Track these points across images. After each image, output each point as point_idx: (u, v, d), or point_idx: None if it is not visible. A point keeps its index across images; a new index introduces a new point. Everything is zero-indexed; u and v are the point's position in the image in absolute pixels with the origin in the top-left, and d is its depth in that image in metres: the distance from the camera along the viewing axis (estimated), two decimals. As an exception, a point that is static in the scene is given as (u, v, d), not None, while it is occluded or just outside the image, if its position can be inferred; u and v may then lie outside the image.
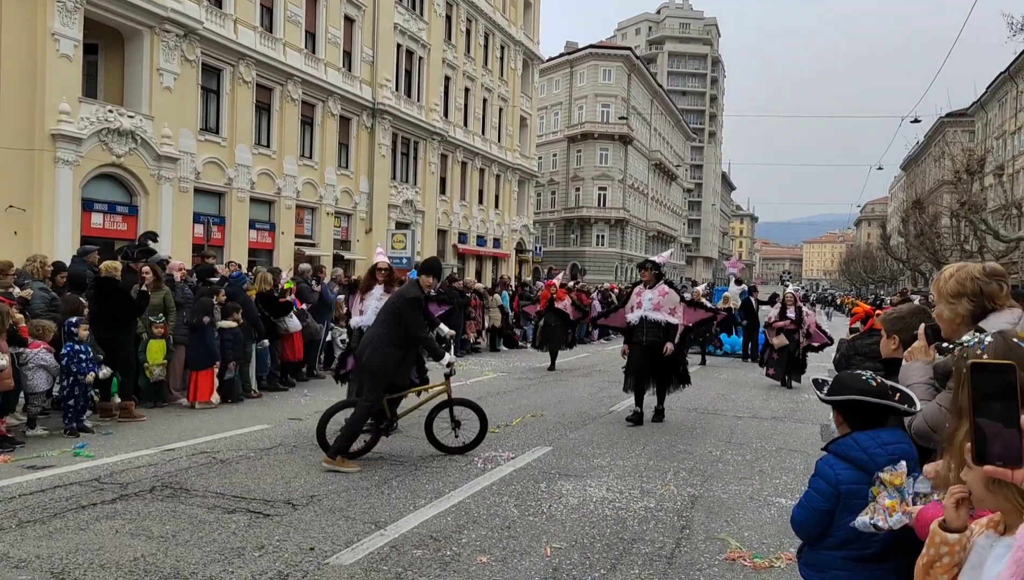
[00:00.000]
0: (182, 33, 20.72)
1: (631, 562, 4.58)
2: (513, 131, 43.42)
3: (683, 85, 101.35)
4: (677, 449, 7.98)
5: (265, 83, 24.45)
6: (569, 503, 5.78)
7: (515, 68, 43.26)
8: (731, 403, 11.54)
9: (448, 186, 36.72)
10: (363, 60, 29.55)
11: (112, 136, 18.85)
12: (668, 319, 9.03)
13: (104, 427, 8.24)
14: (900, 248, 58.69)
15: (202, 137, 22.09)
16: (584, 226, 63.19)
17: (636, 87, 67.41)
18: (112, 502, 5.45)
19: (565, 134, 63.38)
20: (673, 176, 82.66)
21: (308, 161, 26.85)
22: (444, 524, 5.18)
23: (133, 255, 10.26)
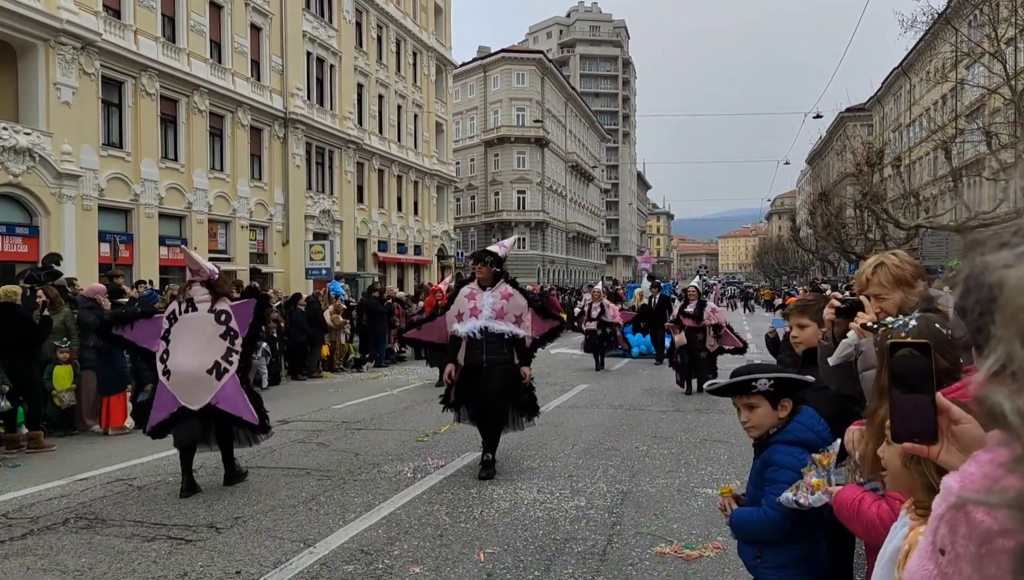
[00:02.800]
0: (79, 46, 19.87)
1: (564, 562, 4.62)
2: (429, 137, 43.27)
3: (596, 87, 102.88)
4: (605, 446, 8.09)
5: (170, 95, 23.67)
6: (500, 507, 5.79)
7: (428, 74, 43.12)
8: (655, 398, 11.77)
9: (366, 194, 36.30)
10: (272, 69, 28.95)
11: (8, 154, 17.93)
12: (515, 331, 6.71)
13: (11, 459, 7.82)
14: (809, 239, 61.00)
15: (105, 152, 21.22)
16: (505, 229, 63.32)
17: (550, 90, 68.08)
18: (22, 537, 5.18)
19: (482, 139, 63.50)
20: (590, 177, 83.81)
21: (219, 174, 26.11)
22: (375, 537, 5.11)
23: (40, 278, 9.80)
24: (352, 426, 9.55)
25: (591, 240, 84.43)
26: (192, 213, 24.51)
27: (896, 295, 2.72)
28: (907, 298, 2.70)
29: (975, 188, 37.28)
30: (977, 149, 32.85)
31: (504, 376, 6.70)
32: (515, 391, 6.95)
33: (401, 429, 9.28)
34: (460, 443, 8.30)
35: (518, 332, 6.79)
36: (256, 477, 6.85)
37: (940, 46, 38.58)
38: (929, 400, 1.23)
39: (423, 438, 8.64)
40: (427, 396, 12.23)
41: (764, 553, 2.61)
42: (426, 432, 8.96)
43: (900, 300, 2.70)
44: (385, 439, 8.65)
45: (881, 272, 2.77)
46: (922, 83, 47.90)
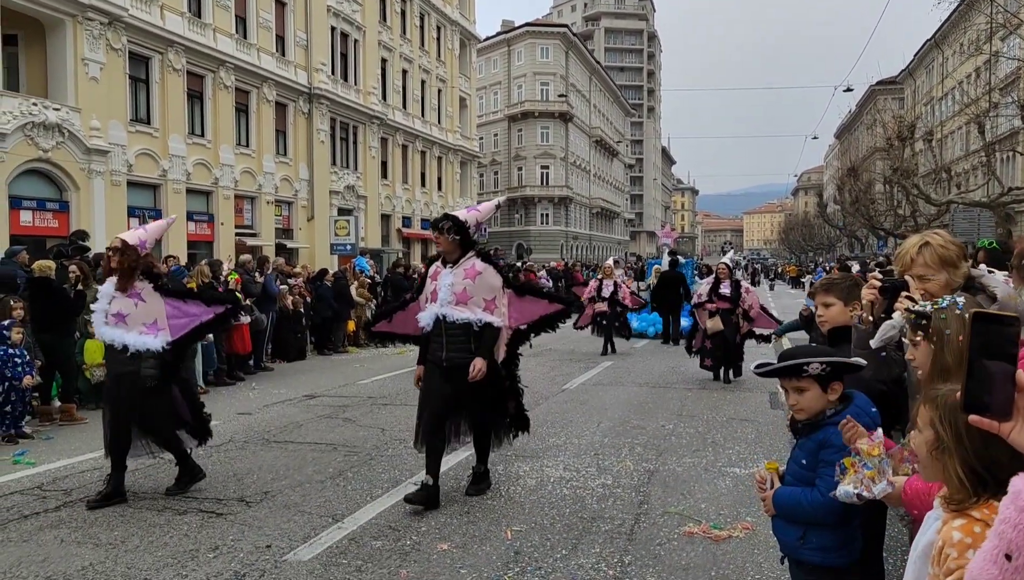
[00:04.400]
0: (106, 21, 19.94)
1: (591, 541, 4.61)
2: (453, 112, 43.10)
3: (620, 61, 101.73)
4: (631, 425, 8.07)
5: (196, 70, 23.73)
6: (527, 484, 5.80)
7: (452, 48, 42.85)
8: (680, 376, 11.71)
9: (390, 170, 36.30)
10: (297, 44, 28.90)
11: (38, 130, 18.10)
12: (483, 318, 5.21)
13: (44, 432, 7.96)
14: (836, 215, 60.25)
15: (133, 128, 21.37)
16: (528, 205, 63.23)
17: (574, 64, 67.45)
18: (56, 510, 5.27)
19: (505, 114, 63.18)
20: (614, 152, 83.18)
21: (245, 149, 26.21)
22: (402, 513, 5.14)
23: (68, 253, 9.90)
24: (378, 401, 9.61)
25: (615, 216, 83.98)
26: (219, 189, 24.66)
27: (942, 276, 2.66)
28: (952, 279, 2.64)
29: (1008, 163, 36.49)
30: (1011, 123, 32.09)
31: (470, 379, 5.14)
32: (491, 397, 5.37)
33: (427, 405, 9.30)
34: (485, 420, 8.30)
35: (489, 319, 5.20)
36: (284, 452, 6.92)
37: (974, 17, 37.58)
38: (1012, 372, 1.19)
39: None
40: (452, 372, 12.27)
41: (808, 534, 2.59)
42: (451, 408, 8.97)
43: (945, 281, 2.64)
44: (411, 415, 8.55)
45: (926, 252, 2.71)
46: (955, 55, 46.82)
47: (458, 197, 43.98)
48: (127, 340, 5.37)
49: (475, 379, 5.11)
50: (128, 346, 5.36)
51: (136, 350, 5.36)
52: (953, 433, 1.45)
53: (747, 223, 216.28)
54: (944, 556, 1.41)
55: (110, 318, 5.43)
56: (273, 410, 9.10)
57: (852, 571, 2.61)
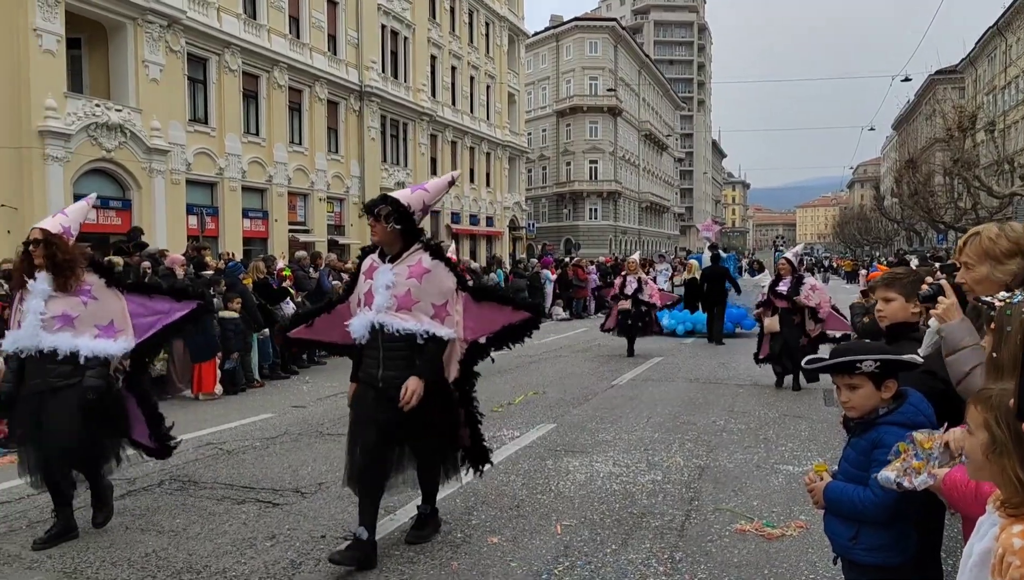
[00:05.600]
0: (166, 23, 20.49)
1: (642, 536, 4.61)
2: (502, 108, 43.18)
3: (670, 54, 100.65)
4: (680, 420, 8.02)
5: (251, 70, 24.24)
6: (576, 479, 5.81)
7: (501, 44, 42.92)
8: (731, 371, 11.58)
9: (439, 166, 36.55)
10: (348, 43, 29.29)
11: (101, 130, 18.70)
12: (430, 329, 4.15)
13: (108, 424, 8.24)
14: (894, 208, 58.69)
15: (191, 128, 21.93)
16: (576, 200, 63.03)
17: (623, 58, 66.96)
18: (121, 498, 5.45)
19: (554, 109, 63.05)
20: (663, 146, 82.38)
21: (298, 147, 26.69)
22: (453, 506, 5.20)
23: (128, 249, 10.23)
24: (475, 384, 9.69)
25: (664, 210, 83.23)
26: (272, 186, 25.16)
27: (982, 268, 2.62)
28: (992, 273, 2.59)
29: (1077, 154, 35.09)
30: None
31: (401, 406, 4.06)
32: (439, 426, 4.33)
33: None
34: (534, 414, 8.35)
35: (439, 331, 4.16)
36: (337, 445, 7.03)
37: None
38: None
39: (498, 408, 8.71)
40: (500, 367, 12.32)
41: (861, 533, 2.55)
42: (500, 403, 9.04)
43: (985, 274, 2.60)
44: (461, 409, 8.76)
45: (973, 241, 2.67)
46: (1019, 43, 45.18)
47: (506, 192, 44.09)
48: (78, 346, 4.45)
49: (408, 405, 4.02)
50: (80, 353, 4.45)
51: (89, 357, 4.46)
52: (1011, 434, 1.41)
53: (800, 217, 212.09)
54: (1006, 564, 1.38)
55: (50, 321, 4.44)
56: (326, 403, 9.27)
57: (906, 571, 2.56)
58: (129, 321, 4.70)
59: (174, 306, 4.91)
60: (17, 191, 17.08)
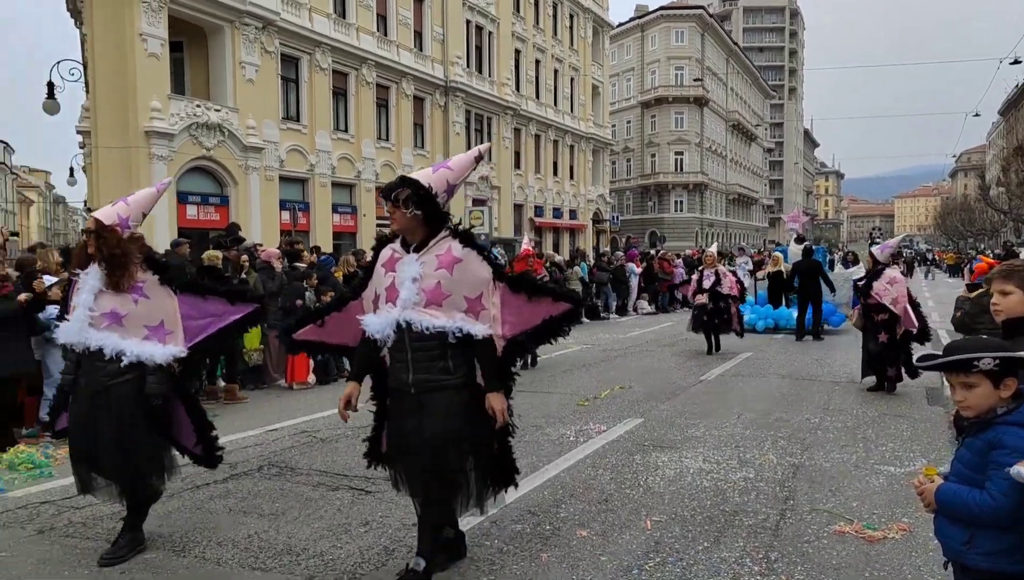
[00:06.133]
0: (261, 25, 21.22)
1: (735, 535, 4.51)
2: (585, 100, 42.94)
3: (760, 41, 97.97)
4: (773, 417, 7.81)
5: (341, 68, 24.86)
6: (666, 475, 5.74)
7: (585, 36, 42.66)
8: (826, 368, 11.21)
9: (522, 160, 36.66)
10: (434, 39, 29.67)
11: (201, 130, 19.55)
12: (464, 326, 3.67)
13: (211, 410, 8.58)
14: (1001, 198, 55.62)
15: (284, 126, 22.67)
16: (661, 192, 62.19)
17: (710, 47, 65.57)
18: (224, 482, 5.70)
19: (638, 100, 62.32)
20: (752, 136, 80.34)
21: (385, 143, 27.22)
22: (541, 499, 5.21)
23: (227, 244, 10.64)
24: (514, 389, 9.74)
25: (753, 202, 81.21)
26: (361, 181, 25.75)
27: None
28: None
29: None
30: None
31: (448, 411, 3.68)
32: (472, 440, 3.81)
33: (561, 392, 9.38)
34: (621, 409, 8.28)
35: (473, 329, 3.67)
36: (426, 435, 7.17)
37: None
38: None
39: (584, 402, 8.69)
40: (585, 361, 12.28)
41: (976, 538, 2.41)
42: (586, 396, 9.01)
43: None
44: (546, 402, 8.78)
45: None
46: None
47: (590, 185, 43.87)
48: (124, 347, 4.15)
49: (502, 422, 3.78)
50: (124, 355, 4.14)
51: (134, 361, 4.15)
52: None
53: (898, 208, 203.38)
54: None
55: (99, 318, 4.16)
56: (415, 394, 9.42)
57: (1027, 581, 2.42)
58: (180, 323, 4.34)
59: (228, 309, 4.54)
60: (125, 189, 17.84)
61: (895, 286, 9.10)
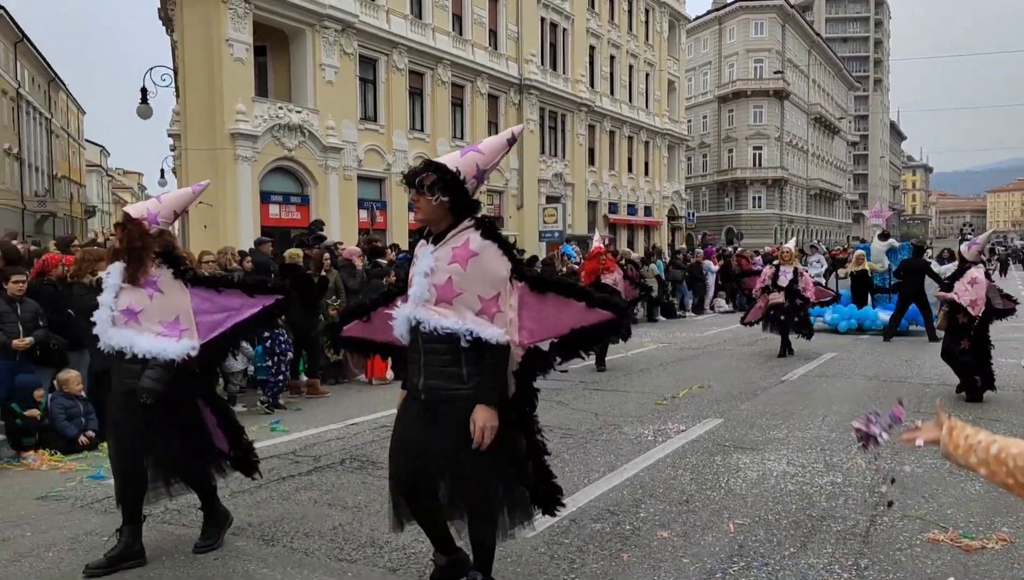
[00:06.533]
0: (340, 28, 21.69)
1: (822, 540, 4.39)
2: (661, 96, 42.38)
3: (844, 31, 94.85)
4: (860, 420, 7.55)
5: (417, 69, 25.19)
6: (748, 477, 5.62)
7: (661, 31, 42.09)
8: (916, 369, 10.78)
9: (597, 156, 36.45)
10: (508, 37, 29.76)
11: (283, 131, 20.11)
12: (474, 328, 3.21)
13: (294, 404, 8.87)
14: (1106, 192, 52.35)
15: (362, 126, 23.12)
16: (739, 188, 60.91)
17: (791, 38, 63.84)
18: (308, 474, 5.85)
19: (716, 94, 61.17)
20: (835, 130, 77.87)
21: (460, 142, 27.41)
22: (620, 498, 5.17)
23: (308, 242, 10.91)
24: (589, 386, 9.72)
25: (835, 197, 78.75)
26: (436, 180, 26.02)
27: None
28: None
29: None
30: None
31: (459, 427, 3.22)
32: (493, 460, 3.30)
33: (639, 391, 9.30)
34: (700, 408, 8.15)
35: (485, 332, 3.21)
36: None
37: None
38: None
39: (662, 402, 8.59)
40: (661, 359, 12.14)
41: None
42: (664, 396, 8.90)
43: None
44: (623, 400, 8.72)
45: None
46: None
47: (665, 181, 43.30)
48: (137, 345, 4.00)
49: (483, 445, 3.19)
50: (137, 353, 4.00)
51: (147, 357, 3.99)
52: None
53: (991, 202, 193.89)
54: None
55: (118, 316, 4.05)
56: (491, 391, 9.48)
57: None
58: (192, 318, 4.14)
59: (246, 302, 4.27)
60: (212, 189, 18.60)
61: (975, 287, 8.42)
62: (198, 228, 18.46)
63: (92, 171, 65.79)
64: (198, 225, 18.54)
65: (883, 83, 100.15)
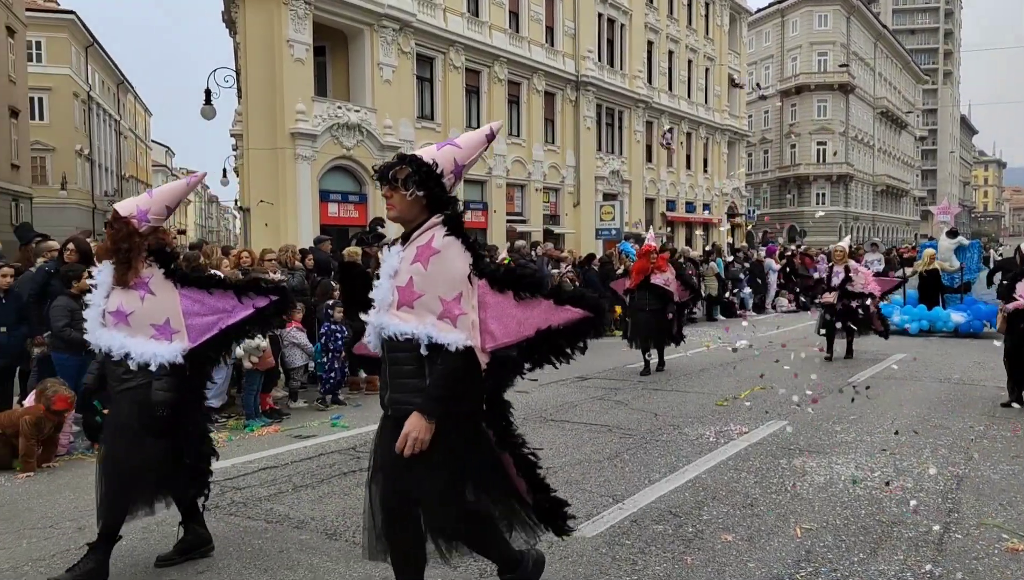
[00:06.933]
0: (398, 27, 21.88)
1: (893, 547, 4.23)
2: (721, 91, 41.68)
3: (911, 22, 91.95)
4: (931, 423, 7.30)
5: (473, 66, 25.26)
6: (815, 481, 5.46)
7: (721, 25, 41.38)
8: (990, 371, 10.35)
9: (654, 153, 36.04)
10: (565, 33, 29.62)
11: (342, 130, 20.38)
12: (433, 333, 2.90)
13: (354, 400, 8.97)
14: None
15: (419, 124, 23.29)
16: (802, 185, 59.58)
17: (856, 31, 62.15)
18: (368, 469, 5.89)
19: (778, 89, 59.89)
20: (902, 124, 75.55)
21: (516, 139, 27.44)
22: (682, 500, 5.08)
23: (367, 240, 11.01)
24: (648, 386, 9.60)
25: (902, 194, 76.43)
26: (492, 178, 26.08)
27: None
28: None
29: None
30: None
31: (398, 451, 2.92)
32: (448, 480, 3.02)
33: (699, 391, 9.15)
34: (763, 410, 7.97)
35: (446, 338, 2.88)
36: (561, 431, 7.16)
37: None
38: None
39: (723, 402, 8.43)
40: (723, 360, 11.92)
41: None
42: (725, 396, 8.74)
43: None
44: (683, 401, 8.58)
45: None
46: None
47: (724, 178, 42.60)
48: (130, 348, 3.82)
49: (404, 453, 2.86)
50: (131, 356, 3.82)
51: (141, 363, 3.82)
52: None
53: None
54: None
55: (108, 317, 3.88)
56: (548, 389, 9.44)
57: None
58: (183, 320, 3.95)
59: (237, 305, 4.06)
60: (273, 188, 19.06)
61: None
62: (259, 226, 18.84)
63: (158, 171, 67.96)
64: (259, 223, 18.92)
65: (953, 75, 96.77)
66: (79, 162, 40.93)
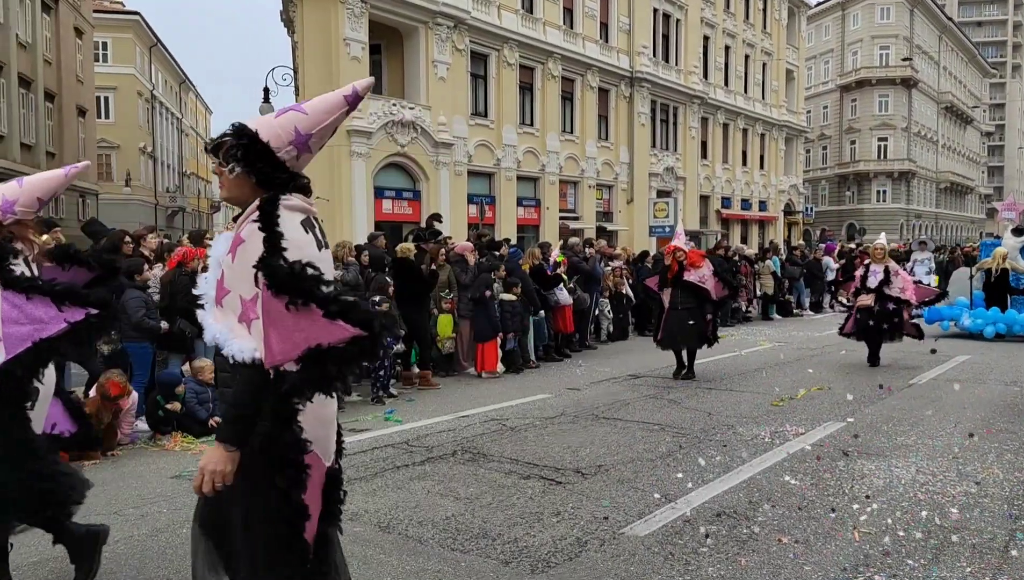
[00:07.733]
0: (452, 25, 22.02)
1: (955, 553, 4.12)
2: (778, 86, 40.92)
3: (978, 14, 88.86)
4: (997, 427, 7.06)
5: (527, 63, 25.28)
6: (874, 484, 5.34)
7: (779, 19, 40.61)
8: (1060, 376, 9.99)
9: (709, 150, 35.56)
10: (619, 29, 29.43)
11: (396, 128, 20.62)
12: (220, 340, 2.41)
13: (407, 394, 9.08)
14: None
15: (472, 122, 23.40)
16: (861, 182, 58.13)
17: (920, 23, 60.34)
18: (421, 464, 5.97)
19: (837, 84, 58.54)
20: (968, 119, 73.12)
21: (569, 136, 27.37)
22: (736, 500, 5.02)
23: (424, 237, 11.13)
24: (702, 385, 9.50)
25: (967, 191, 74.01)
26: (545, 175, 26.07)
27: None
28: None
29: None
30: None
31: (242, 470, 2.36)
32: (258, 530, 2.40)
33: (753, 391, 9.01)
34: (820, 411, 7.82)
35: (233, 346, 2.35)
36: (613, 429, 7.14)
37: None
38: None
39: (778, 402, 8.29)
40: (778, 359, 11.74)
41: None
42: (781, 397, 8.59)
43: None
44: (738, 401, 8.47)
45: None
46: None
47: (781, 175, 41.84)
48: None
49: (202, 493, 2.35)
50: None
51: None
52: None
53: None
54: None
55: None
56: (600, 387, 9.42)
57: None
58: (2, 327, 3.30)
59: (55, 315, 3.33)
60: (329, 185, 19.35)
61: None
62: (316, 222, 19.22)
63: (219, 168, 69.42)
64: (316, 219, 19.28)
65: (1022, 69, 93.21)
66: (143, 159, 42.20)
